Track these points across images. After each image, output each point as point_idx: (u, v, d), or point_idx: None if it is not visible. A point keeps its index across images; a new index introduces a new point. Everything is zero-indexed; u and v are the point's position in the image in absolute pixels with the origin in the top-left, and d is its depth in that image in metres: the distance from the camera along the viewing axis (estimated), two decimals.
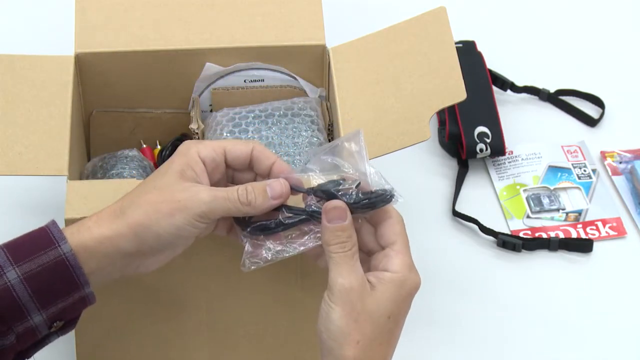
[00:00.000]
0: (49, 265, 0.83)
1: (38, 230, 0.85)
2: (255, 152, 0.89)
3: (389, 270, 0.85)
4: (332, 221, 0.85)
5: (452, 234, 1.22)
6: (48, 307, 0.83)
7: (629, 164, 1.28)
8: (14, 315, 0.82)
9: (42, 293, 0.83)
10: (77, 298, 0.85)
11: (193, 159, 0.87)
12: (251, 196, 0.86)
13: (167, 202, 0.85)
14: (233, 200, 0.86)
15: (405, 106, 1.05)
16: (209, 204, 0.85)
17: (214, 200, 0.85)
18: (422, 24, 1.10)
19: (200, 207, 0.85)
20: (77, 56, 1.11)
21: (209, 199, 0.85)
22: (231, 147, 0.89)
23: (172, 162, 0.88)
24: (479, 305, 1.16)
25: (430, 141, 1.27)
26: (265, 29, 1.13)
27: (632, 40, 1.44)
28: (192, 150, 0.88)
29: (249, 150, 0.89)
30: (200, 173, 0.88)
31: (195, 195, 0.85)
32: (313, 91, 1.16)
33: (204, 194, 0.85)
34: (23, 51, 1.09)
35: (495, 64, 1.36)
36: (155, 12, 1.14)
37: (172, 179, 0.86)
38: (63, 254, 0.83)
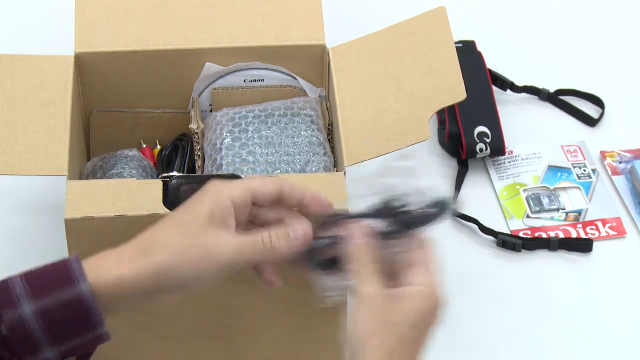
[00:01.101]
0: (66, 303, 0.81)
1: (60, 264, 0.83)
2: (285, 189, 0.89)
3: (414, 283, 0.86)
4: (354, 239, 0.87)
5: (452, 234, 1.22)
6: (61, 344, 0.82)
7: (629, 164, 1.28)
8: (26, 348, 0.81)
9: (57, 330, 0.81)
10: (92, 337, 0.83)
11: (223, 202, 0.86)
12: (276, 242, 0.86)
13: (195, 246, 0.84)
14: (259, 246, 0.86)
15: (405, 106, 1.05)
16: (236, 253, 0.85)
17: (240, 249, 0.85)
18: (422, 24, 1.10)
19: (227, 258, 0.85)
20: (77, 56, 1.11)
21: (235, 248, 0.85)
22: (261, 188, 0.88)
23: (202, 203, 0.86)
24: (479, 305, 1.16)
25: (430, 141, 1.27)
26: (265, 29, 1.13)
27: (632, 40, 1.44)
28: (223, 195, 0.86)
29: (277, 189, 0.88)
30: (228, 217, 0.86)
31: (223, 244, 0.84)
32: (313, 91, 1.16)
33: (232, 244, 0.85)
34: (23, 51, 1.09)
35: (495, 64, 1.36)
36: (155, 12, 1.14)
37: (200, 222, 0.85)
38: (82, 293, 0.81)
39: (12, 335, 0.80)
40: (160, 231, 0.85)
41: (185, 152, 1.16)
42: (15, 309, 0.80)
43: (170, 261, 0.83)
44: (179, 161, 1.16)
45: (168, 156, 1.17)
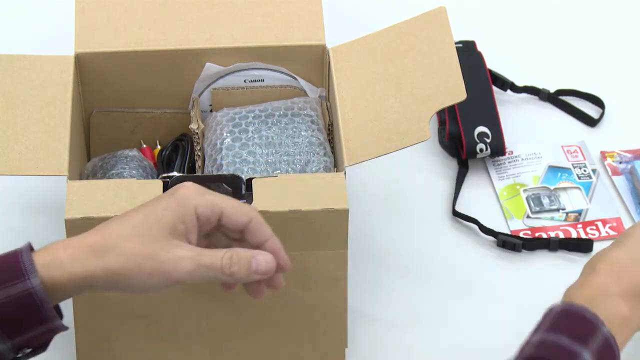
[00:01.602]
0: (17, 297, 0.80)
1: (10, 256, 0.82)
2: (253, 224, 0.87)
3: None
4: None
5: (452, 234, 1.22)
6: (13, 337, 0.81)
7: (628, 164, 1.28)
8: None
9: (8, 324, 0.81)
10: (45, 330, 0.83)
11: (189, 214, 0.84)
12: (235, 268, 0.84)
13: (149, 260, 0.82)
14: (215, 269, 0.84)
15: (405, 106, 1.05)
16: (190, 273, 0.83)
17: (196, 270, 0.83)
18: (422, 24, 1.10)
19: (181, 276, 0.83)
20: (77, 56, 1.11)
21: (191, 268, 0.83)
22: (230, 212, 0.86)
23: (167, 211, 0.84)
24: (479, 305, 1.16)
25: (430, 141, 1.27)
26: (265, 29, 1.14)
27: (632, 40, 1.44)
28: (190, 205, 0.85)
29: (246, 221, 0.86)
30: (191, 228, 0.85)
31: (179, 262, 0.83)
32: (313, 91, 1.16)
33: (188, 263, 0.83)
34: (23, 51, 1.09)
35: (495, 64, 1.36)
36: (155, 12, 1.14)
37: (162, 233, 0.83)
38: (32, 288, 0.80)
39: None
40: (119, 232, 0.84)
41: (185, 152, 1.16)
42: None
43: (122, 268, 0.82)
44: (179, 161, 1.16)
45: (168, 156, 1.17)
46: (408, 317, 1.14)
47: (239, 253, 0.85)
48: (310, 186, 1.00)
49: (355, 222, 1.03)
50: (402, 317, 1.14)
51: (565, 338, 0.88)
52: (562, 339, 0.88)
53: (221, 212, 0.86)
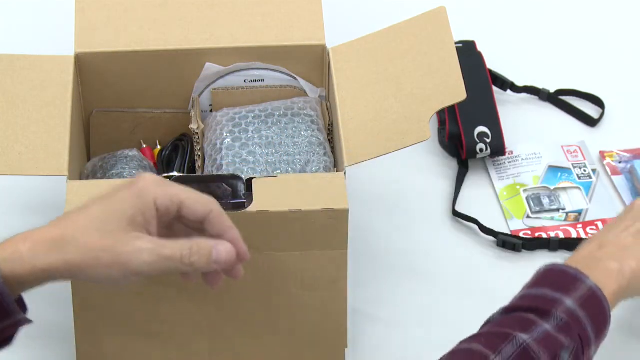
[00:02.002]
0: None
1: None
2: (213, 215, 0.87)
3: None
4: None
5: (452, 234, 1.22)
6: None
7: (628, 163, 1.28)
8: None
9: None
10: (8, 324, 0.83)
11: (148, 206, 0.84)
12: (195, 258, 0.84)
13: (108, 252, 0.82)
14: (175, 260, 0.84)
15: (405, 106, 1.05)
16: (150, 264, 0.83)
17: (155, 261, 0.83)
18: (422, 24, 1.10)
19: (140, 267, 0.83)
20: (77, 56, 1.11)
21: (150, 260, 0.83)
22: (189, 203, 0.86)
23: (125, 203, 0.84)
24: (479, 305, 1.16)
25: (430, 141, 1.27)
26: (265, 29, 1.14)
27: (632, 40, 1.44)
28: (149, 197, 0.84)
29: (206, 212, 0.87)
30: (150, 220, 0.85)
31: (138, 254, 0.83)
32: (313, 91, 1.16)
33: (147, 255, 0.83)
34: (23, 51, 1.09)
35: (495, 64, 1.36)
36: (155, 12, 1.14)
37: (120, 225, 0.83)
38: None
39: None
40: (78, 224, 0.84)
41: (185, 152, 1.16)
42: None
43: (81, 261, 0.82)
44: (179, 161, 1.16)
45: (168, 156, 1.17)
46: (408, 317, 1.14)
47: (199, 243, 0.85)
48: (310, 186, 1.00)
49: (355, 222, 1.03)
50: (402, 317, 1.14)
51: (547, 289, 0.90)
52: (543, 290, 0.90)
53: (180, 203, 0.86)
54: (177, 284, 1.02)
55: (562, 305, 0.89)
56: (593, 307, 0.90)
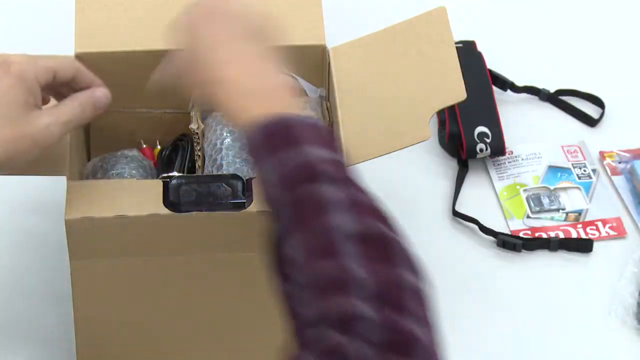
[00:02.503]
0: None
1: None
2: (80, 73, 0.97)
3: None
4: None
5: (452, 234, 1.22)
6: None
7: (628, 163, 1.28)
8: None
9: None
10: None
11: (33, 84, 0.92)
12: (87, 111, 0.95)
13: (22, 139, 0.90)
14: (75, 120, 0.94)
15: (405, 106, 1.05)
16: (59, 133, 0.93)
17: (62, 129, 0.93)
18: (422, 24, 1.10)
19: (53, 139, 0.92)
20: (77, 56, 1.10)
21: (57, 130, 0.92)
22: (60, 68, 0.95)
23: (14, 88, 0.91)
24: (479, 305, 1.16)
25: (430, 141, 1.27)
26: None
27: (632, 40, 1.44)
28: (31, 76, 0.92)
29: (75, 71, 0.96)
30: (37, 96, 0.92)
31: (47, 129, 0.91)
32: (313, 91, 1.16)
33: (55, 128, 0.92)
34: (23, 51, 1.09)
35: (495, 64, 1.36)
36: (155, 12, 1.14)
37: (20, 109, 0.90)
38: None
39: None
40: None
41: (185, 152, 1.16)
42: None
43: (4, 156, 0.89)
44: (179, 161, 1.16)
45: (168, 156, 1.17)
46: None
47: (80, 98, 0.96)
48: None
49: None
50: None
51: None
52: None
53: (54, 71, 0.94)
54: (177, 285, 1.02)
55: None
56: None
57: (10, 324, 1.12)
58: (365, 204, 0.78)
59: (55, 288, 1.13)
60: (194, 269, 1.01)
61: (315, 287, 0.72)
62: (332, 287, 0.72)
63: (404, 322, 0.72)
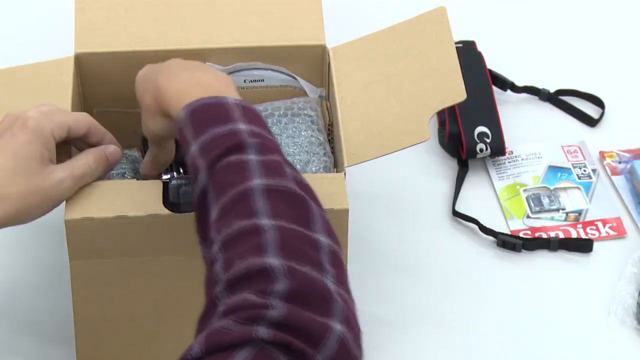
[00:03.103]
0: None
1: None
2: (92, 128, 0.99)
3: None
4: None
5: (452, 234, 1.22)
6: None
7: (628, 163, 1.28)
8: None
9: None
10: None
11: (48, 140, 0.94)
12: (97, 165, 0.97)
13: (35, 194, 0.92)
14: (88, 175, 0.96)
15: (405, 106, 1.05)
16: (71, 188, 0.95)
17: (74, 184, 0.95)
18: (422, 24, 1.10)
19: (65, 195, 0.95)
20: (77, 56, 1.11)
21: (70, 184, 0.94)
22: (75, 125, 0.97)
23: (31, 144, 0.92)
24: (479, 305, 1.16)
25: (430, 141, 1.26)
26: (265, 29, 1.13)
27: (632, 40, 1.44)
28: (47, 132, 0.94)
29: (87, 128, 0.98)
30: (52, 150, 0.94)
31: (60, 184, 0.94)
32: (313, 91, 1.16)
33: (68, 182, 0.94)
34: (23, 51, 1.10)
35: (495, 64, 1.36)
36: (155, 12, 1.14)
37: (35, 165, 0.92)
38: None
39: None
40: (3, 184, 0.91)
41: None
42: None
43: (16, 213, 0.92)
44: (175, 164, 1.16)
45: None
46: (408, 317, 1.14)
47: (94, 153, 0.98)
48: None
49: (355, 222, 1.03)
50: (402, 316, 1.14)
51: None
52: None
53: (68, 127, 0.96)
54: (177, 286, 1.02)
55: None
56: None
57: (10, 323, 1.12)
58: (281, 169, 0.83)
59: (55, 288, 1.13)
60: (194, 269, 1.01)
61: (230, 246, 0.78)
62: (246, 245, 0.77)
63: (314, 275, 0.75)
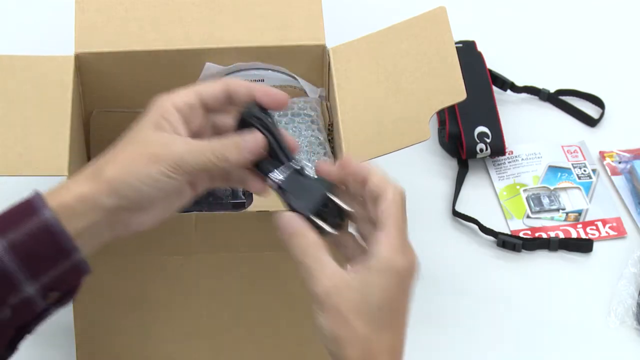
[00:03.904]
0: (33, 232, 0.80)
1: (22, 200, 0.83)
2: (231, 87, 0.87)
3: (375, 256, 0.81)
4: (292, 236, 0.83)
5: (452, 234, 1.22)
6: (38, 276, 0.80)
7: (628, 163, 1.28)
8: (5, 286, 0.80)
9: (31, 261, 0.80)
10: (68, 266, 0.81)
11: (167, 110, 0.85)
12: (225, 150, 0.84)
13: (141, 154, 0.83)
14: (208, 153, 0.83)
15: (405, 106, 1.05)
16: (183, 154, 0.83)
17: (188, 152, 0.83)
18: (422, 24, 1.10)
19: (174, 157, 0.82)
20: (77, 56, 1.11)
21: (182, 149, 0.83)
22: (204, 88, 0.86)
23: (146, 116, 0.85)
24: (479, 305, 1.16)
25: (430, 141, 1.27)
26: (265, 29, 1.13)
27: (632, 40, 1.44)
28: (165, 102, 0.85)
29: (223, 88, 0.87)
30: (175, 123, 0.85)
31: (169, 145, 0.83)
32: (313, 91, 1.16)
33: (178, 145, 0.83)
34: (23, 51, 1.09)
35: (495, 64, 1.36)
36: (155, 12, 1.14)
37: (146, 132, 0.84)
38: (45, 219, 0.80)
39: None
40: (111, 152, 0.85)
41: None
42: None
43: (121, 172, 0.82)
44: None
45: None
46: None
47: (227, 137, 0.85)
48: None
49: None
50: None
51: None
52: None
53: (198, 93, 0.86)
54: (177, 285, 1.02)
55: None
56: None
57: None
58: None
59: None
60: (194, 269, 1.01)
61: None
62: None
63: None
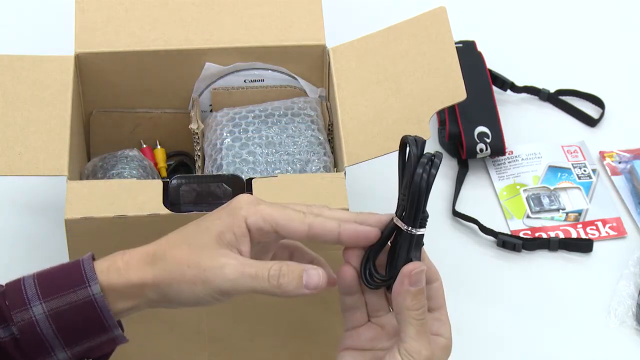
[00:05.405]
0: (77, 304, 0.80)
1: (72, 264, 0.82)
2: (314, 230, 0.81)
3: (443, 336, 0.83)
4: (415, 284, 0.82)
5: (452, 234, 1.22)
6: (73, 346, 0.81)
7: (628, 163, 1.28)
8: (37, 350, 0.80)
9: (68, 332, 0.80)
10: (105, 339, 0.82)
11: (238, 224, 0.81)
12: (283, 280, 0.80)
13: (192, 267, 0.80)
14: (262, 279, 0.79)
15: (405, 106, 1.05)
16: (233, 281, 0.79)
17: (239, 278, 0.79)
18: (422, 24, 1.10)
19: (223, 284, 0.79)
20: (77, 56, 1.11)
21: (233, 276, 0.79)
22: (285, 223, 0.81)
23: (216, 219, 0.82)
24: (479, 305, 1.16)
25: (430, 141, 1.27)
26: (265, 29, 1.14)
27: (632, 40, 1.44)
28: (240, 215, 0.81)
29: (304, 230, 0.81)
30: (240, 237, 0.81)
31: (222, 269, 0.79)
32: (313, 91, 1.16)
33: (230, 270, 0.79)
34: (23, 51, 1.09)
35: (495, 64, 1.36)
36: (155, 12, 1.14)
37: (208, 240, 0.81)
38: (92, 295, 0.80)
39: (24, 336, 0.79)
40: (171, 241, 0.83)
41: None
42: (25, 310, 0.79)
43: (169, 277, 0.80)
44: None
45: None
46: None
47: (290, 265, 0.80)
48: (310, 186, 1.00)
49: None
50: None
51: None
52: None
53: (275, 222, 0.81)
54: None
55: None
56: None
57: None
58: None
59: None
60: None
61: None
62: None
63: None
